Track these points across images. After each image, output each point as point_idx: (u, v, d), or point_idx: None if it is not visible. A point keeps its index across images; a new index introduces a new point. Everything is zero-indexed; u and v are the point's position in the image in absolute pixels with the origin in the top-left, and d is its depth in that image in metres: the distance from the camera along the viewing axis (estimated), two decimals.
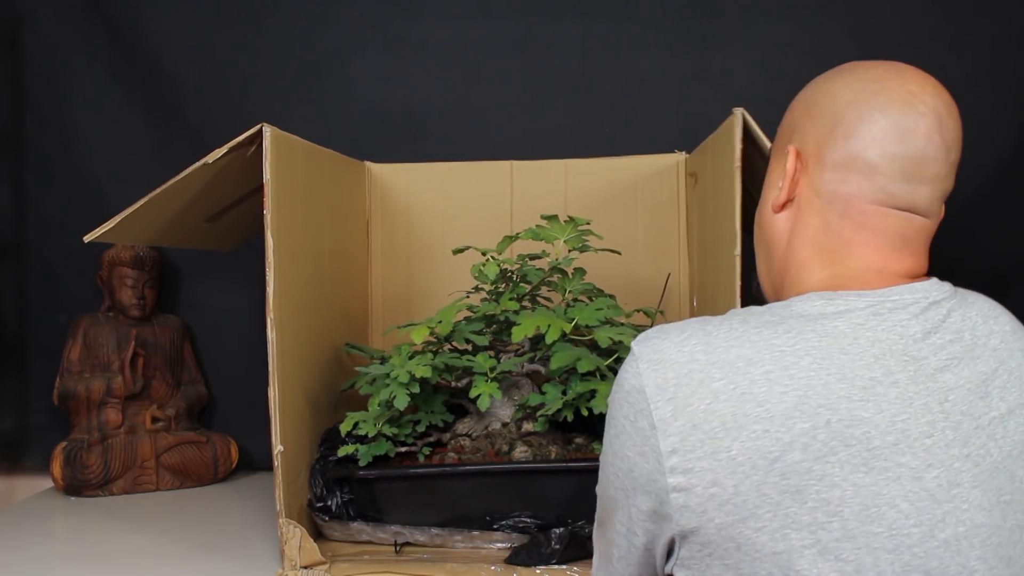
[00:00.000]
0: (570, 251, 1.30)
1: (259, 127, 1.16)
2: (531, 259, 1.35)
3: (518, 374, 1.25)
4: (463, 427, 1.31)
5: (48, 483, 1.68)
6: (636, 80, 1.74)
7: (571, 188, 1.65)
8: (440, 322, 1.24)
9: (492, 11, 1.76)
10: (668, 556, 0.70)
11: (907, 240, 0.72)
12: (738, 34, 1.72)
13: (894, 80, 0.71)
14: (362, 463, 1.21)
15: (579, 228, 1.29)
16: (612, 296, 1.33)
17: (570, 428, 1.31)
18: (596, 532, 0.79)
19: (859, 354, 0.65)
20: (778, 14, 1.71)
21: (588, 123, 1.75)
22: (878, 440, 0.62)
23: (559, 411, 1.19)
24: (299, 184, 1.29)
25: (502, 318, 1.27)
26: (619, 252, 1.37)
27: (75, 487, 1.60)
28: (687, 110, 1.72)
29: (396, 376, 1.20)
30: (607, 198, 1.65)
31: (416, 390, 1.20)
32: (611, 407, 0.71)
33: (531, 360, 1.25)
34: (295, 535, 1.15)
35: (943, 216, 0.75)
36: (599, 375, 1.18)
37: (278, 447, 1.16)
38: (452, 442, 1.28)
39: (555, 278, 1.31)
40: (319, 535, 1.26)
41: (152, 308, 1.75)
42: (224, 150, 1.18)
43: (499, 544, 1.21)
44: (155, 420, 1.68)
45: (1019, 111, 1.65)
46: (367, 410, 1.24)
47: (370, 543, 1.24)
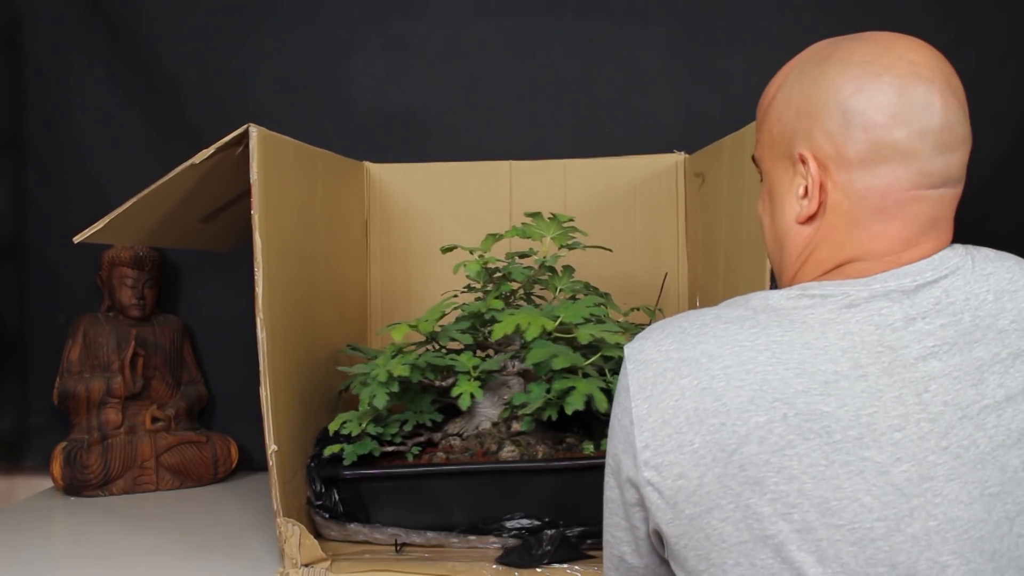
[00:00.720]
0: (560, 248, 1.30)
1: (246, 127, 1.15)
2: (521, 257, 1.35)
3: (508, 373, 1.25)
4: (455, 427, 1.31)
5: (48, 483, 1.68)
6: (636, 80, 1.74)
7: (570, 188, 1.65)
8: (426, 320, 1.24)
9: (492, 11, 1.76)
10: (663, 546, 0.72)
11: (935, 221, 0.69)
12: (738, 34, 1.72)
13: (888, 54, 0.69)
14: (347, 462, 1.21)
15: (563, 225, 1.29)
16: (607, 294, 1.33)
17: (566, 428, 1.31)
18: (605, 534, 0.78)
19: (824, 348, 0.64)
20: (778, 14, 1.71)
21: (588, 123, 1.75)
22: (839, 434, 0.62)
23: (543, 410, 1.19)
24: (290, 184, 1.28)
25: (488, 317, 1.27)
26: (610, 249, 1.37)
27: (75, 487, 1.60)
28: (687, 110, 1.72)
29: (376, 375, 1.20)
30: (606, 198, 1.65)
31: (395, 389, 1.19)
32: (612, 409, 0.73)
33: (511, 358, 1.24)
34: (294, 533, 1.15)
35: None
36: (582, 373, 1.17)
37: (272, 447, 1.16)
38: (443, 442, 1.28)
39: (547, 276, 1.31)
40: (318, 535, 1.25)
41: (152, 308, 1.75)
42: (211, 150, 1.17)
43: (495, 544, 1.21)
44: (155, 420, 1.68)
45: (1019, 111, 1.65)
46: (357, 410, 1.24)
47: (367, 543, 1.23)
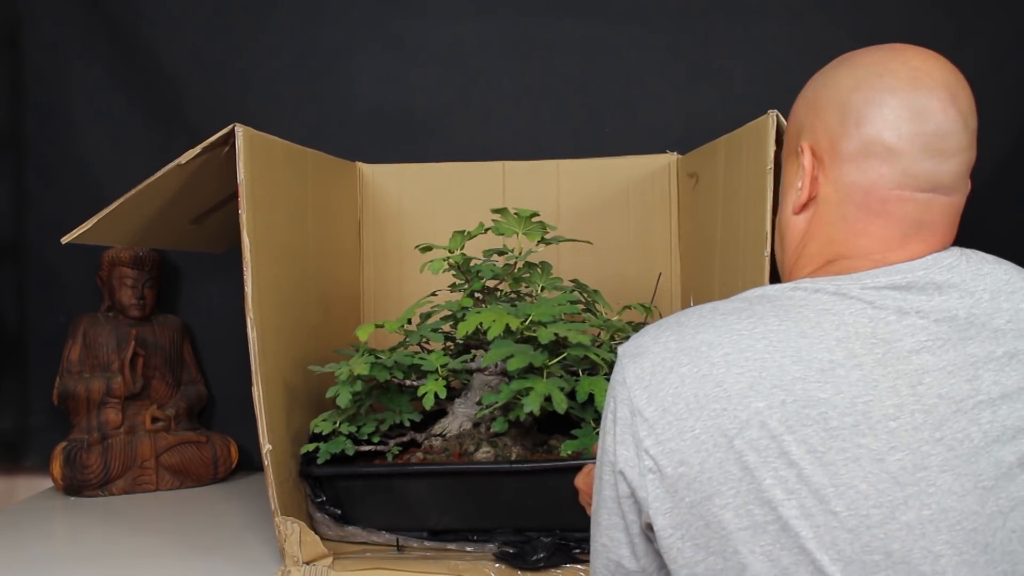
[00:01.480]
0: (537, 243, 1.29)
1: (231, 127, 1.15)
2: (499, 255, 1.35)
3: (491, 373, 1.24)
4: (439, 427, 1.30)
5: (48, 483, 1.68)
6: (636, 80, 1.74)
7: (563, 188, 1.65)
8: (396, 321, 1.24)
9: (492, 11, 1.76)
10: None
11: (922, 225, 0.70)
12: (738, 34, 1.72)
13: (895, 60, 0.70)
14: (320, 460, 1.21)
15: (532, 221, 1.28)
16: (595, 291, 1.32)
17: (554, 430, 1.30)
18: (599, 539, 0.76)
19: (820, 337, 0.65)
20: (778, 14, 1.71)
21: (588, 123, 1.75)
22: (836, 421, 0.63)
23: (510, 410, 1.18)
24: (279, 184, 1.28)
25: (460, 315, 1.27)
26: (590, 242, 1.36)
27: (75, 487, 1.60)
28: (687, 110, 1.72)
29: (339, 375, 1.20)
30: (599, 198, 1.65)
31: (358, 388, 1.20)
32: (602, 412, 0.73)
33: (473, 358, 1.23)
34: (294, 531, 1.15)
35: (970, 189, 0.73)
36: (546, 373, 1.15)
37: (266, 446, 1.16)
38: (426, 442, 1.28)
39: (528, 274, 1.30)
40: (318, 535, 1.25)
41: (152, 308, 1.75)
42: (198, 150, 1.17)
43: (492, 546, 1.20)
44: (155, 420, 1.68)
45: (1019, 111, 1.65)
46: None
47: (364, 544, 1.23)
